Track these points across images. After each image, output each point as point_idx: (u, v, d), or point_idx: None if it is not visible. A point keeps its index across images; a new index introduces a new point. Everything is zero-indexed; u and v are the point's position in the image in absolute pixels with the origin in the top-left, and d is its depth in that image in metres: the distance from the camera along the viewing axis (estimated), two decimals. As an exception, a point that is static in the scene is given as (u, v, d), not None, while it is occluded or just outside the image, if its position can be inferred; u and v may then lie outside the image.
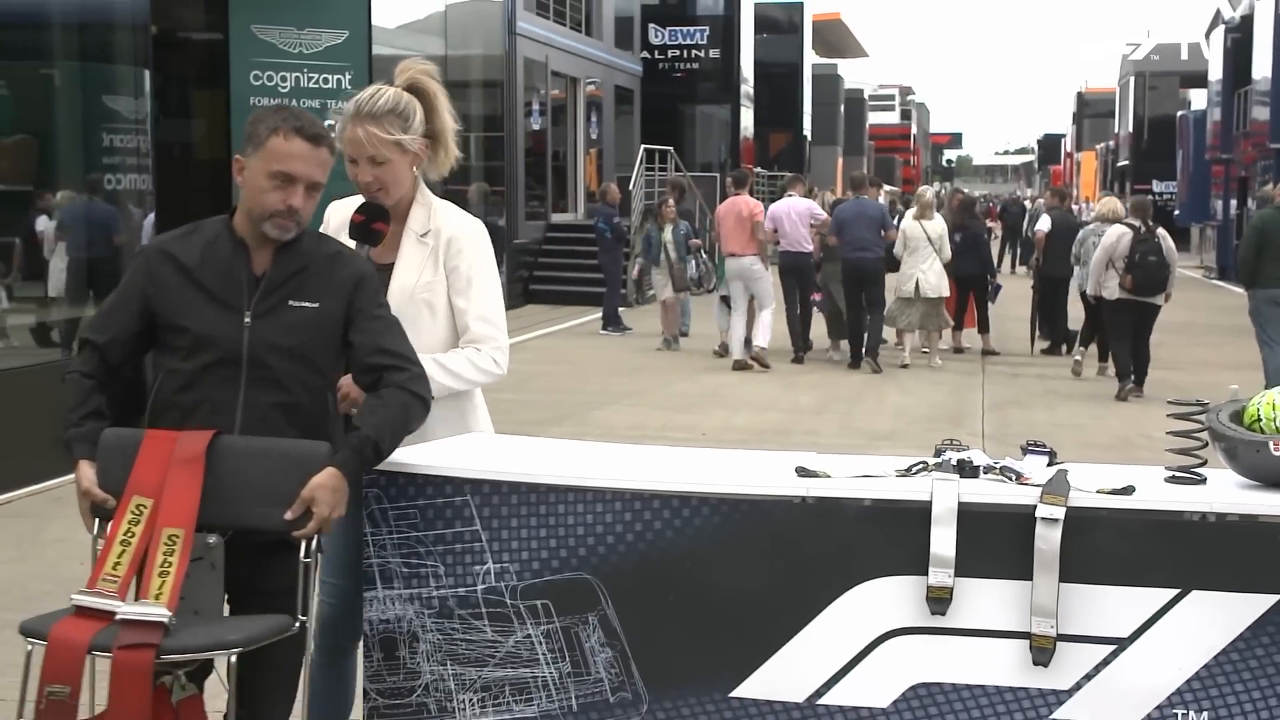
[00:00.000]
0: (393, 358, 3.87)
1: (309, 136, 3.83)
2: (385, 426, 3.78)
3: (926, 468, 3.86)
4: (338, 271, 3.94)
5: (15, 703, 5.91)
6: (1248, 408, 3.91)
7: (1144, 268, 14.56)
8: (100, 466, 3.79)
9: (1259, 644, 3.59)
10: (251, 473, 3.73)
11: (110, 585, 3.58)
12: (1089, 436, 12.54)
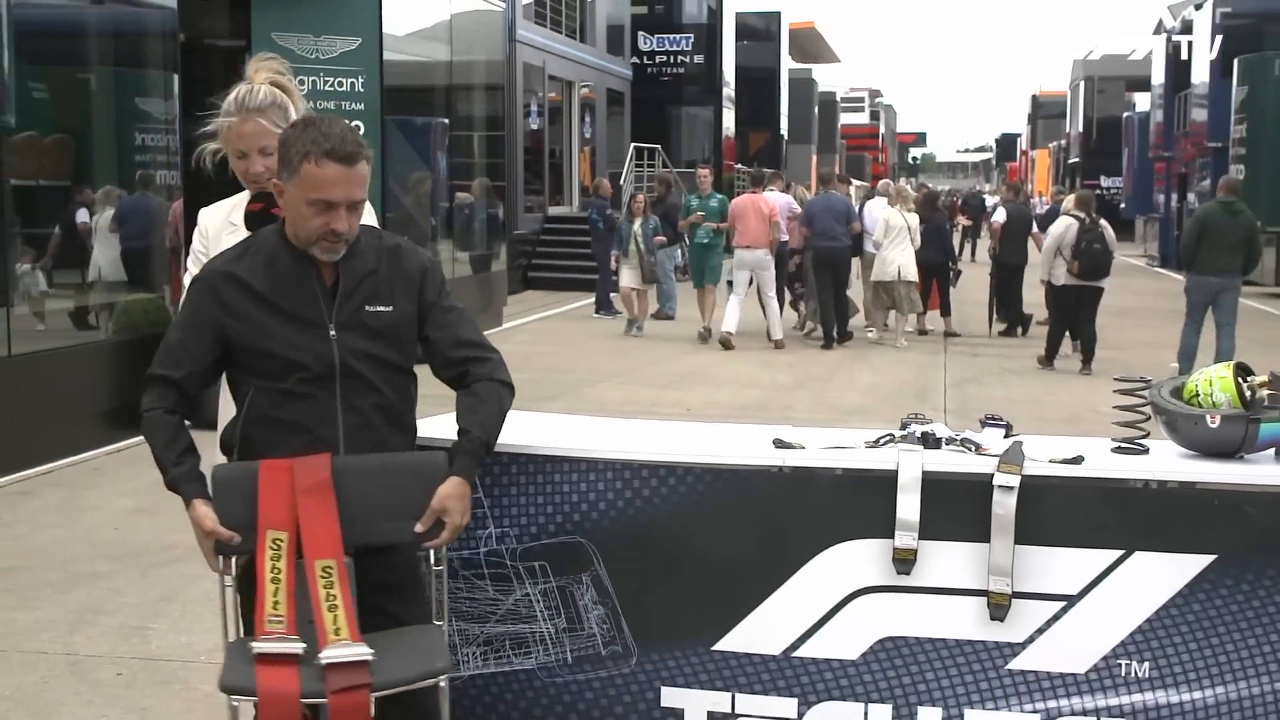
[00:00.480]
0: (473, 348, 3.67)
1: (342, 158, 3.43)
2: (490, 424, 3.58)
3: (893, 440, 3.87)
4: (402, 266, 3.64)
5: (53, 655, 5.93)
6: (1187, 384, 3.92)
7: (1090, 255, 15.04)
8: (217, 505, 3.44)
9: (1196, 600, 3.61)
10: (374, 490, 3.49)
11: (278, 626, 3.28)
12: (1042, 411, 12.55)
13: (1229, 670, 3.61)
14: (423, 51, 17.50)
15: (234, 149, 3.99)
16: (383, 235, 3.75)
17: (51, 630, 6.31)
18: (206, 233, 4.12)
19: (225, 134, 3.98)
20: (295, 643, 3.24)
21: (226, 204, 4.15)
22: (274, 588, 3.31)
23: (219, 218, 4.12)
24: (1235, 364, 3.94)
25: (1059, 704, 3.65)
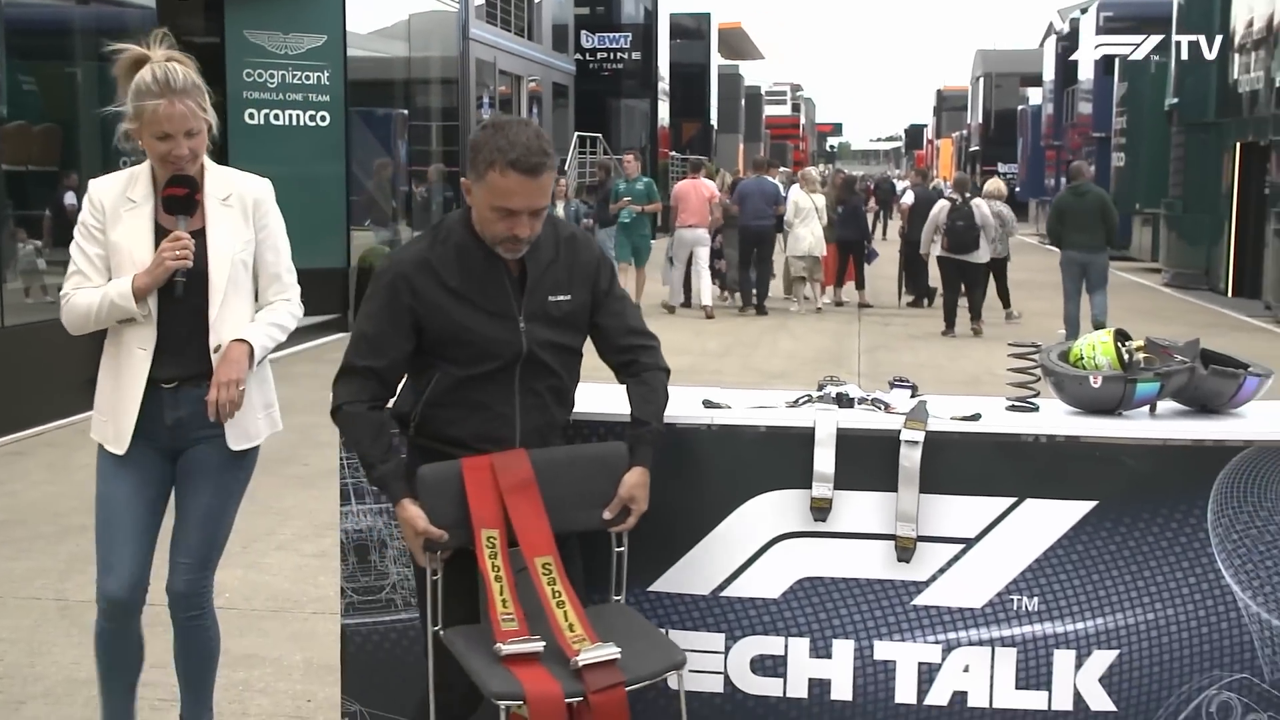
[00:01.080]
0: (641, 336, 3.56)
1: (526, 170, 3.21)
2: (661, 413, 3.50)
3: (811, 400, 3.87)
4: (579, 256, 3.48)
5: (45, 600, 5.88)
6: (1073, 349, 3.96)
7: (953, 231, 16.02)
8: (426, 504, 3.30)
9: (1079, 541, 3.64)
10: (567, 481, 3.39)
11: (513, 624, 3.18)
12: (945, 374, 12.65)
13: (1107, 603, 3.65)
14: (383, 48, 17.38)
15: (157, 131, 3.67)
16: (558, 224, 3.55)
17: (44, 578, 6.26)
18: (102, 207, 3.77)
19: (149, 115, 3.66)
20: (537, 642, 3.17)
21: (121, 177, 3.84)
22: (499, 586, 3.23)
23: (114, 192, 3.80)
24: (1115, 330, 3.97)
25: (958, 635, 3.68)
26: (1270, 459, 3.62)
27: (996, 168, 50.49)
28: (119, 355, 3.79)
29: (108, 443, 3.80)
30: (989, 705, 3.68)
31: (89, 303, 3.72)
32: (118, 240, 3.76)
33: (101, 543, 3.82)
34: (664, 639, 3.43)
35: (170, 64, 3.70)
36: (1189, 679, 3.66)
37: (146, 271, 3.68)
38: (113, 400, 3.79)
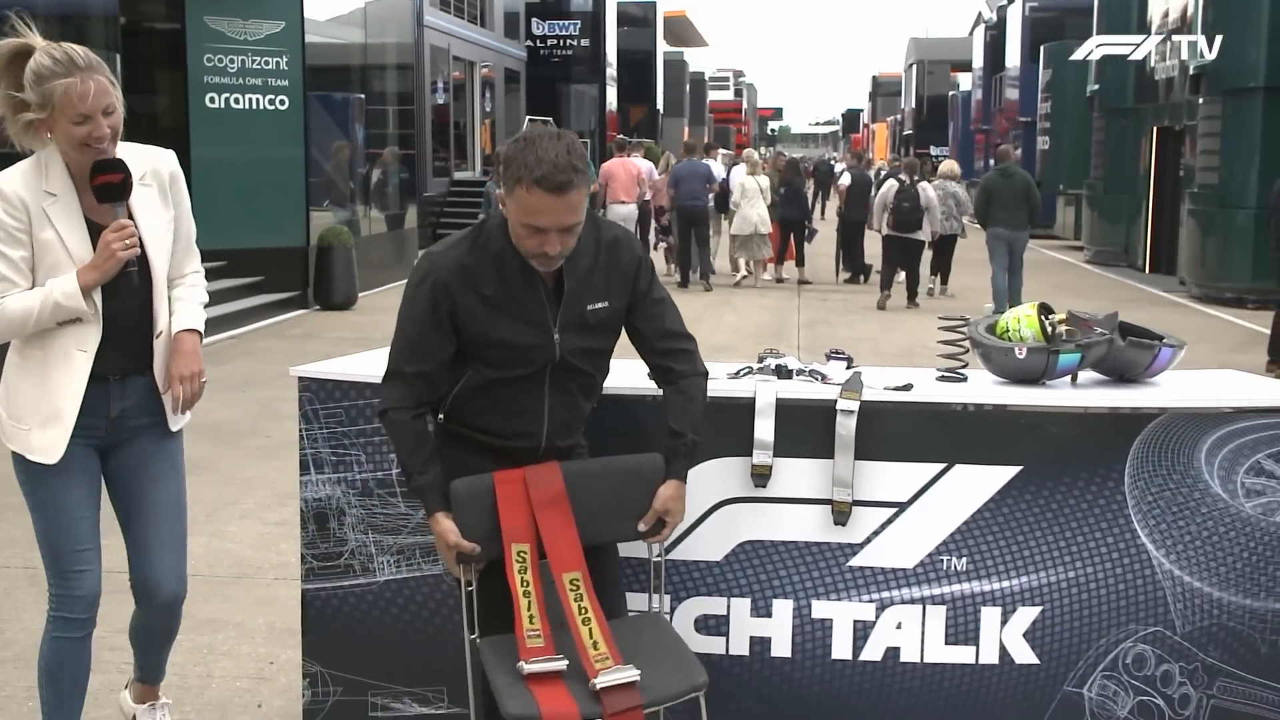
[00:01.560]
0: (678, 339, 3.37)
1: (552, 188, 2.99)
2: (700, 422, 3.35)
3: (751, 371, 3.88)
4: (619, 261, 3.28)
5: (14, 569, 5.81)
6: (999, 322, 3.98)
7: (899, 211, 16.37)
8: (459, 518, 3.19)
9: (1005, 504, 3.67)
10: (602, 493, 3.27)
11: (538, 641, 3.06)
12: (880, 347, 12.72)
13: (1031, 563, 3.68)
14: (340, 34, 17.22)
15: (73, 114, 3.24)
16: (600, 226, 3.34)
17: (13, 548, 6.18)
18: (23, 205, 3.30)
19: (60, 98, 3.22)
20: (560, 660, 3.05)
21: (27, 170, 3.36)
22: (526, 602, 3.10)
23: (29, 187, 3.32)
24: (1039, 304, 4.00)
25: (891, 594, 3.70)
26: (1183, 425, 3.67)
27: (929, 150, 50.77)
28: (46, 359, 3.38)
29: (33, 453, 3.41)
30: (920, 660, 3.71)
31: (26, 308, 3.29)
32: (49, 239, 3.33)
33: (65, 553, 3.48)
34: (689, 657, 3.21)
35: (65, 44, 3.30)
36: (1107, 632, 3.70)
37: (93, 267, 3.32)
38: (40, 407, 3.39)
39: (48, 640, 3.57)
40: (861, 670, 3.72)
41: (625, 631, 3.25)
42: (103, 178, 3.32)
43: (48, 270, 3.34)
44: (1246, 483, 3.69)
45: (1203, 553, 3.69)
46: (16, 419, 3.43)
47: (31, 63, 3.26)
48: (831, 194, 28.76)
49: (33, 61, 3.26)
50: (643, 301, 3.33)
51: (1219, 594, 3.71)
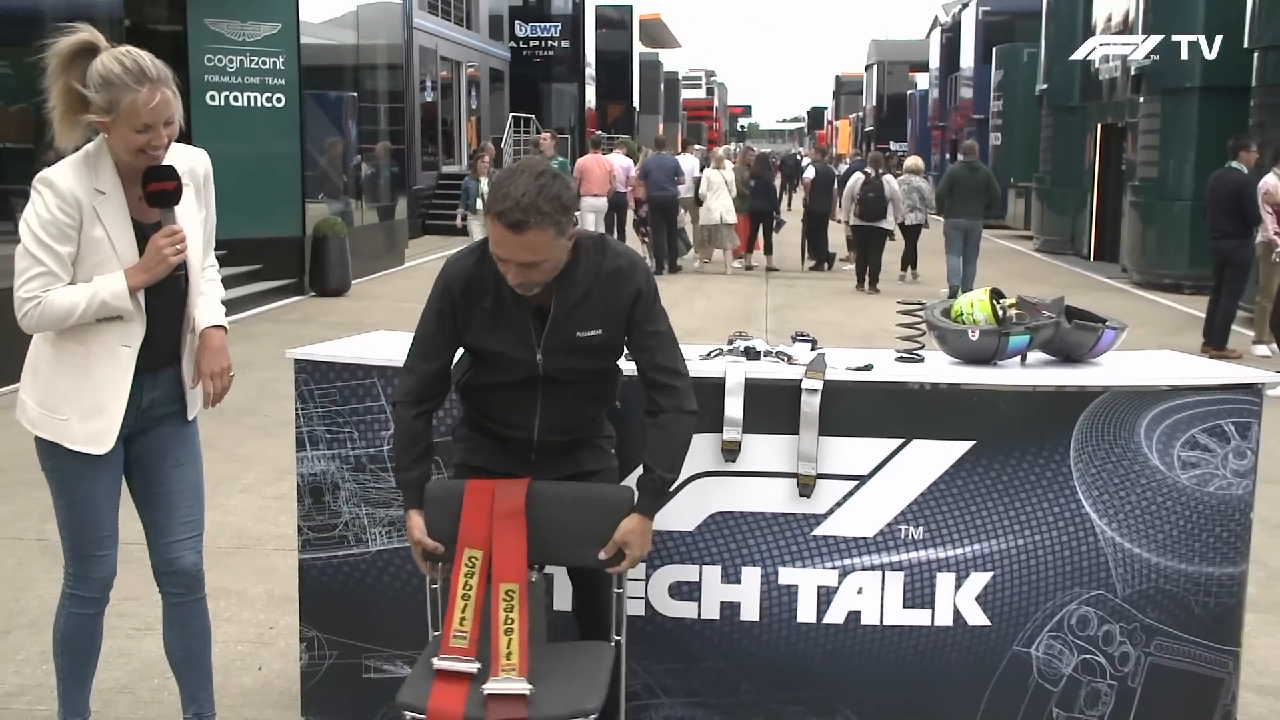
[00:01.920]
0: (666, 375, 3.21)
1: (507, 224, 2.93)
2: (674, 460, 3.23)
3: (722, 353, 3.88)
4: (618, 292, 3.17)
5: (27, 540, 5.79)
6: (953, 306, 3.99)
7: (864, 201, 16.80)
8: (428, 517, 3.19)
9: (959, 477, 3.68)
10: (566, 517, 3.18)
11: (462, 642, 3.01)
12: (843, 330, 12.74)
13: (983, 531, 3.70)
14: (334, 36, 17.13)
15: (137, 123, 3.13)
16: (607, 254, 3.20)
17: (26, 520, 6.16)
18: (76, 202, 3.18)
19: (127, 107, 3.11)
20: (472, 663, 3.00)
21: (78, 167, 3.23)
22: (463, 604, 3.05)
23: (81, 184, 3.20)
24: (991, 289, 4.01)
25: (853, 561, 3.71)
26: (1124, 402, 3.69)
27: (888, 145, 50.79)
28: (90, 354, 3.27)
29: (76, 442, 3.30)
30: (880, 623, 3.73)
31: (72, 303, 3.18)
32: (99, 237, 3.22)
33: (87, 540, 3.41)
34: (599, 686, 3.05)
35: (134, 51, 3.17)
36: (1053, 596, 3.73)
37: (143, 269, 3.22)
38: (81, 399, 3.29)
39: (63, 613, 3.51)
40: (825, 633, 3.73)
41: (561, 653, 3.20)
42: (157, 185, 3.23)
43: (92, 267, 3.22)
44: (1182, 456, 3.71)
45: (1142, 521, 3.72)
46: (51, 409, 3.31)
47: (99, 64, 3.14)
48: (798, 187, 28.74)
49: (100, 64, 3.14)
50: (636, 333, 3.22)
51: (1156, 559, 3.74)
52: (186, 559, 3.52)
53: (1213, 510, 3.75)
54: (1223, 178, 11.53)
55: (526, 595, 3.07)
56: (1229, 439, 3.72)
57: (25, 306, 3.19)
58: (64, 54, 3.19)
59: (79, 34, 3.20)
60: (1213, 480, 3.73)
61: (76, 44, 3.19)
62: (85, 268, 3.22)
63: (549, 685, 3.01)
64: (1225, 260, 11.52)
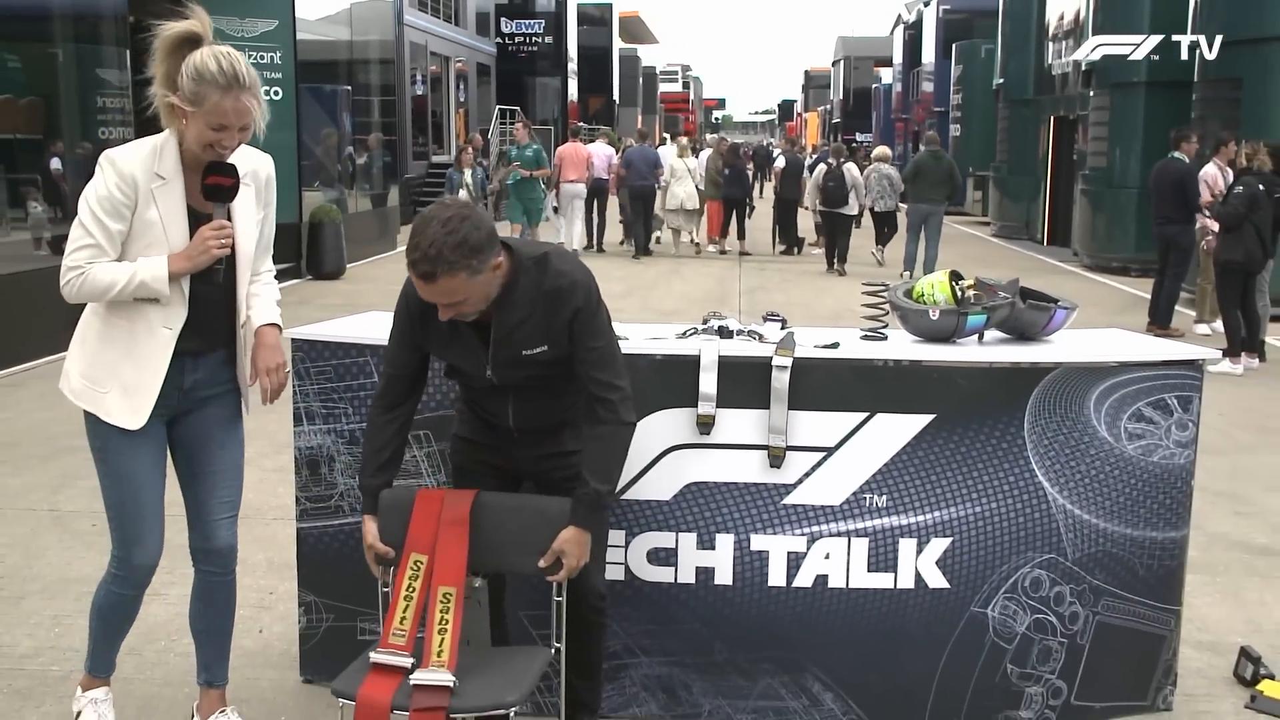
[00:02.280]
0: (605, 388, 3.12)
1: (418, 275, 2.91)
2: (610, 472, 3.16)
3: (697, 332, 3.87)
4: (558, 311, 3.08)
5: (39, 511, 5.75)
6: (915, 287, 4.00)
7: (826, 189, 17.18)
8: (382, 522, 3.19)
9: (920, 448, 3.69)
10: (509, 525, 3.16)
11: (400, 639, 3.00)
12: (811, 310, 12.74)
13: (943, 499, 3.71)
14: (328, 32, 17.03)
15: (215, 122, 3.10)
16: (546, 273, 3.10)
17: (38, 491, 6.12)
18: (134, 182, 3.13)
19: (211, 105, 3.08)
20: (406, 658, 2.98)
21: (144, 150, 3.19)
22: (404, 604, 3.04)
23: (142, 166, 3.15)
24: (950, 271, 4.01)
25: (821, 528, 3.72)
26: (1075, 378, 3.70)
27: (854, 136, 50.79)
28: (134, 331, 3.21)
29: (111, 415, 3.22)
30: (846, 586, 3.73)
31: (112, 279, 3.12)
32: (153, 219, 3.16)
33: (128, 519, 3.30)
34: (521, 682, 3.02)
35: (233, 55, 3.14)
36: (1008, 559, 3.74)
37: (186, 256, 3.17)
38: (121, 374, 3.22)
39: (104, 589, 3.43)
40: (794, 595, 3.74)
41: (498, 654, 3.20)
42: (215, 179, 3.19)
43: (142, 248, 3.16)
44: (1129, 428, 3.73)
45: (1091, 489, 3.74)
46: (93, 381, 3.24)
47: (196, 58, 3.10)
48: (769, 176, 28.71)
49: (198, 57, 3.10)
50: (578, 348, 3.12)
51: (1104, 525, 3.76)
52: (223, 538, 3.46)
53: (1157, 479, 3.77)
54: (1166, 167, 11.57)
55: (463, 598, 3.06)
56: (1172, 412, 3.74)
57: (69, 275, 3.14)
58: (170, 41, 3.15)
59: (187, 23, 3.16)
60: (1157, 450, 3.75)
61: (183, 33, 3.15)
62: (136, 247, 3.17)
63: (477, 680, 3.00)
64: (1169, 244, 11.56)
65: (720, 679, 3.78)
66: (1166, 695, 3.94)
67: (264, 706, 3.87)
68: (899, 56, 46.29)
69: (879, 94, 53.31)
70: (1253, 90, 13.51)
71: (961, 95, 30.38)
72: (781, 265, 17.92)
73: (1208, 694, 4.11)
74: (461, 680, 2.96)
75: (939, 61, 34.92)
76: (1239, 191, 9.97)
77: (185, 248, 3.18)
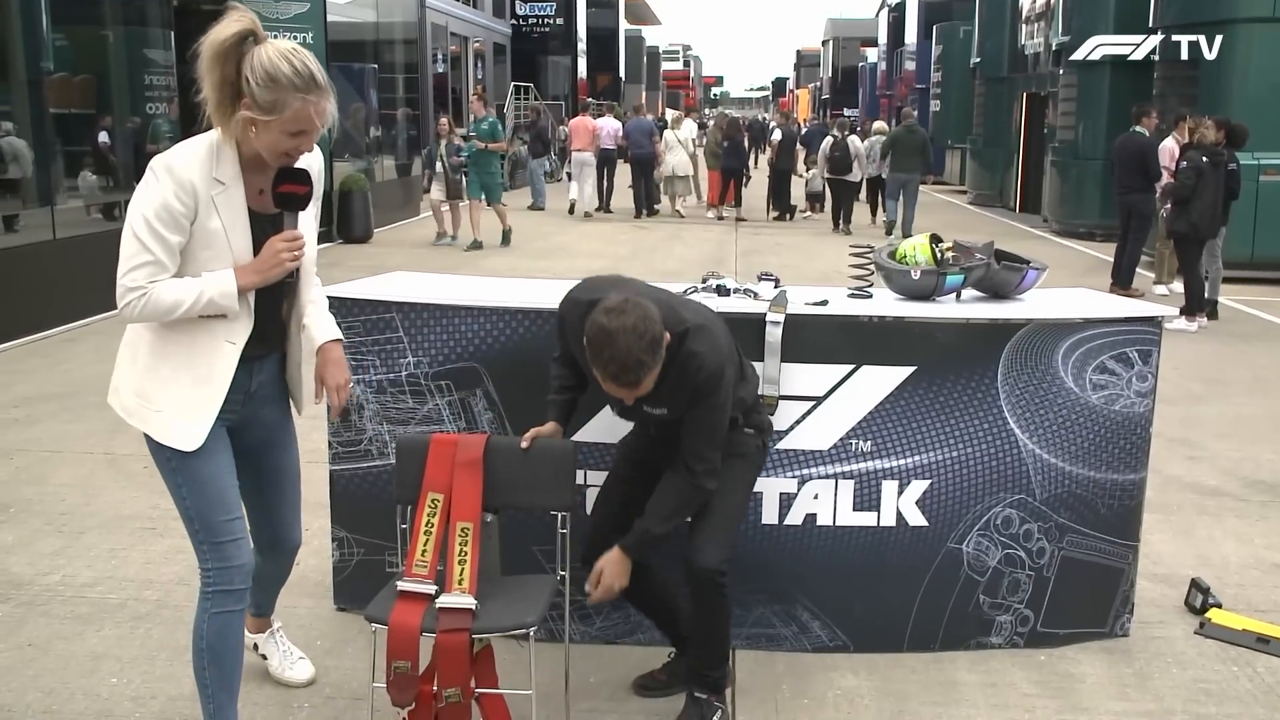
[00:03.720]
0: (696, 458, 3.06)
1: (624, 385, 2.89)
2: (670, 519, 3.10)
3: (697, 290, 3.85)
4: (689, 377, 2.99)
5: (96, 454, 5.76)
6: (898, 249, 3.97)
7: (833, 159, 17.73)
8: (399, 465, 3.15)
9: (901, 397, 3.69)
10: (518, 467, 3.15)
11: (422, 570, 2.99)
12: (802, 271, 12.69)
13: (922, 444, 3.71)
14: (356, 14, 16.89)
15: (294, 128, 2.67)
16: (680, 349, 2.99)
17: (95, 437, 6.13)
18: (193, 191, 2.66)
19: (293, 113, 2.65)
20: (430, 585, 2.98)
21: (199, 153, 2.70)
22: (425, 539, 3.03)
23: (200, 173, 2.68)
24: (930, 235, 3.99)
25: (810, 471, 3.72)
26: (1044, 333, 3.68)
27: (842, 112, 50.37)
28: (194, 345, 2.77)
29: (169, 437, 2.80)
30: (833, 524, 3.74)
31: (177, 299, 2.67)
32: (215, 228, 2.70)
33: (218, 523, 2.86)
34: (536, 604, 3.05)
35: (301, 52, 2.68)
36: (981, 500, 3.74)
37: (255, 270, 2.74)
38: (177, 391, 2.79)
39: (208, 619, 2.90)
40: (785, 533, 3.75)
41: (510, 582, 3.19)
42: (289, 187, 2.76)
43: (204, 261, 2.71)
44: (1093, 379, 3.72)
45: (1058, 435, 3.73)
46: (146, 398, 2.80)
47: (266, 59, 2.62)
48: (765, 148, 28.51)
49: (267, 58, 2.62)
50: (691, 410, 3.06)
51: (1070, 468, 3.75)
52: (294, 538, 3.26)
53: (1118, 426, 3.76)
54: (1128, 140, 11.49)
55: (479, 532, 3.07)
56: (1133, 364, 3.73)
57: (129, 297, 2.66)
58: (224, 45, 2.62)
59: (239, 21, 2.64)
60: (1119, 400, 3.74)
61: (238, 34, 2.63)
62: (197, 260, 2.71)
63: (496, 604, 3.02)
64: (1130, 211, 11.50)
65: (717, 607, 3.79)
66: (1124, 623, 3.96)
67: (301, 631, 3.90)
68: (884, 37, 45.83)
69: (865, 72, 52.82)
70: (1209, 70, 13.38)
71: (941, 73, 30.08)
72: (775, 230, 17.85)
73: (1161, 621, 4.13)
74: (482, 604, 2.97)
75: (920, 42, 34.57)
76: (1184, 167, 9.90)
77: (255, 261, 2.75)
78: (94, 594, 4.20)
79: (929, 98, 31.51)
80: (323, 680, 3.55)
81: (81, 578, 4.34)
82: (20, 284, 8.79)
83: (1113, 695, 3.60)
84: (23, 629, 3.90)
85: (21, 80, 9.31)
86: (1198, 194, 9.74)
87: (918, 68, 35.17)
